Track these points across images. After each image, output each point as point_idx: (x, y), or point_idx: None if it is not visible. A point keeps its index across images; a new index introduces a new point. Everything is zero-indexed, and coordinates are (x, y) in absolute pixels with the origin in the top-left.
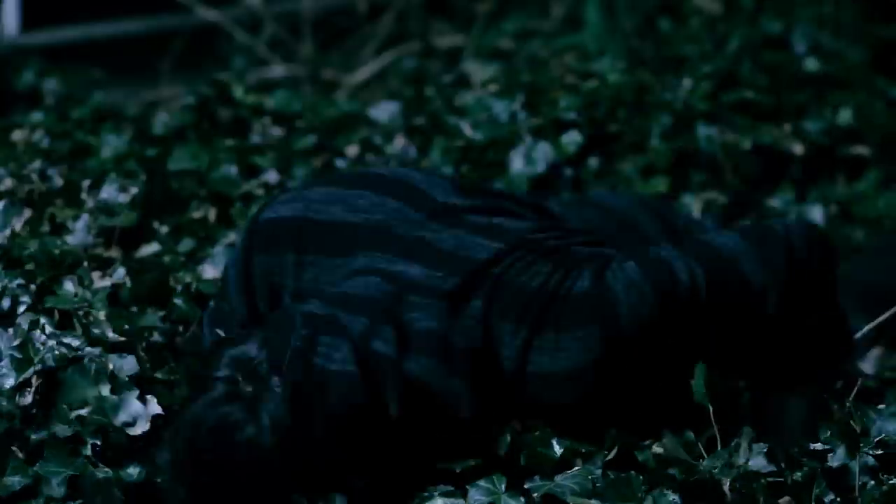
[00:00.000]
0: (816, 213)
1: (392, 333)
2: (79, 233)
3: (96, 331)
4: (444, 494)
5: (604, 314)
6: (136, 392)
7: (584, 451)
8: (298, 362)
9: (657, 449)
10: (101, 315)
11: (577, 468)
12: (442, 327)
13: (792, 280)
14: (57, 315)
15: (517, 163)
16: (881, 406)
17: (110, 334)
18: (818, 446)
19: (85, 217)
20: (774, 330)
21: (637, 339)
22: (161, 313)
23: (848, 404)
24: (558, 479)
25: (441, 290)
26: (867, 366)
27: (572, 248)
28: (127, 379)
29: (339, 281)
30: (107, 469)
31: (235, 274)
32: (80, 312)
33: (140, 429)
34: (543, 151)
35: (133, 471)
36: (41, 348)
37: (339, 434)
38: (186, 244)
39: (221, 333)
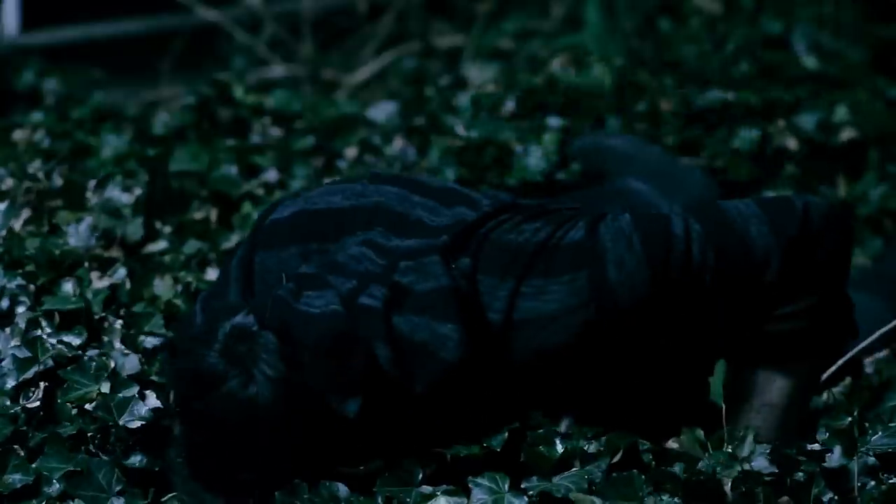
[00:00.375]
0: None
1: (382, 291)
2: (81, 234)
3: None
4: (448, 493)
5: (592, 263)
6: (137, 388)
7: (586, 448)
8: (282, 308)
9: (673, 444)
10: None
11: (575, 468)
12: (440, 283)
13: (799, 251)
14: (57, 317)
15: (530, 160)
16: (892, 424)
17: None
18: (815, 447)
19: (88, 219)
20: (774, 301)
21: (627, 292)
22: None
23: (854, 415)
24: (556, 479)
25: (434, 245)
26: (869, 367)
27: (563, 210)
28: (127, 377)
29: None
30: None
31: (236, 272)
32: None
33: (140, 423)
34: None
35: (135, 459)
36: (49, 348)
37: (329, 370)
38: (191, 245)
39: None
